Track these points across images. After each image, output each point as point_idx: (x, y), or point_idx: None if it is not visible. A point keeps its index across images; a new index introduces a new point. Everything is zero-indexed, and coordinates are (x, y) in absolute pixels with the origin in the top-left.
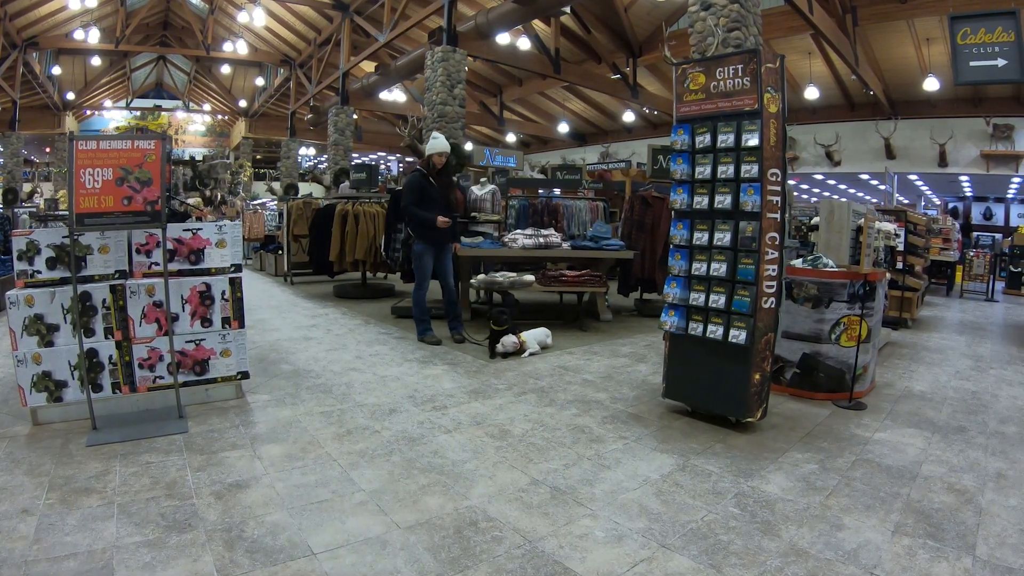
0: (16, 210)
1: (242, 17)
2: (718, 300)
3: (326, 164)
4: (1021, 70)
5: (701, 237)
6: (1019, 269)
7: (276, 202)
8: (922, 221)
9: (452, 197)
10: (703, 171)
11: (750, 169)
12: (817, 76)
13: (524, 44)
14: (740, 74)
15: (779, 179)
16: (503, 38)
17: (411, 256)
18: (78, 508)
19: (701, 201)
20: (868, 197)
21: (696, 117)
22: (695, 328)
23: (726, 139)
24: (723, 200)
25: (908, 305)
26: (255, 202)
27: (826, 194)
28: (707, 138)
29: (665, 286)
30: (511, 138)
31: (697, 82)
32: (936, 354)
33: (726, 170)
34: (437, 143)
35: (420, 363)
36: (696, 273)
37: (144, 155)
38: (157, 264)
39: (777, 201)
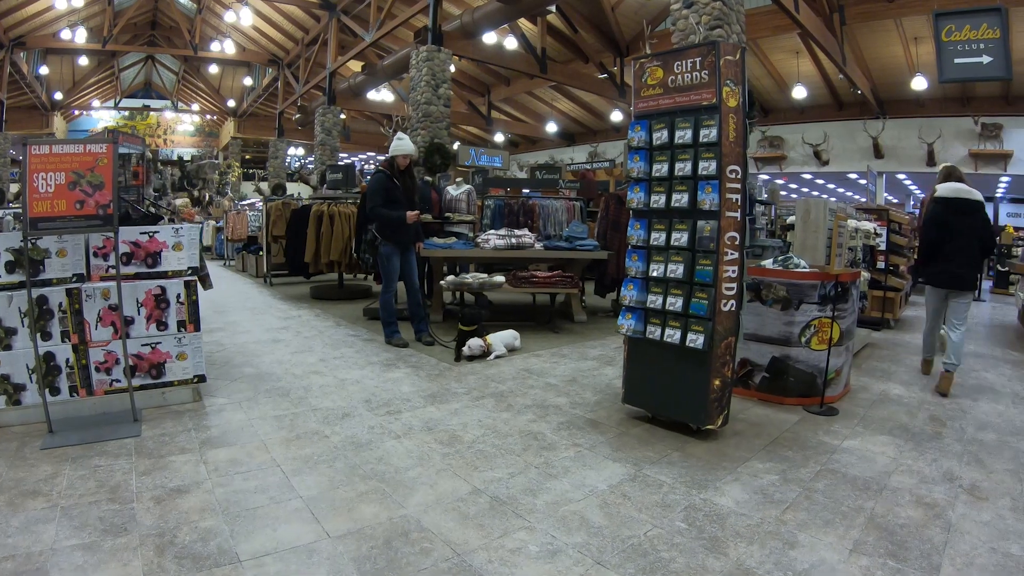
0: (2, 211)
1: (229, 17)
2: (675, 303)
3: (313, 164)
4: (1006, 67)
5: (658, 237)
6: (1006, 268)
7: (264, 202)
8: (905, 220)
9: (417, 197)
10: (660, 169)
11: (708, 166)
12: (804, 75)
13: (511, 43)
14: (698, 67)
15: (739, 176)
16: (489, 37)
17: (377, 258)
18: (23, 511)
19: (658, 200)
20: (857, 196)
21: (653, 113)
22: (653, 332)
23: (683, 135)
24: (680, 199)
25: (890, 305)
26: (244, 202)
27: (815, 193)
28: (664, 134)
29: (623, 288)
30: (499, 138)
31: (655, 76)
32: (917, 356)
33: (684, 167)
34: (402, 144)
35: (383, 366)
36: (653, 274)
37: (96, 159)
38: (115, 267)
39: (737, 199)
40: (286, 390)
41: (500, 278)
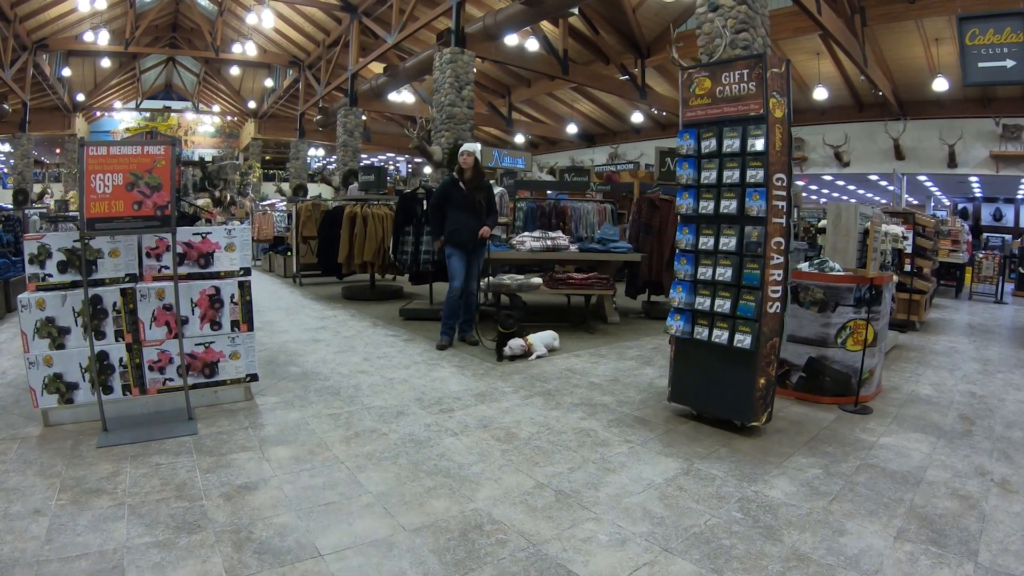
0: (27, 211)
1: (250, 19)
2: (723, 305)
3: (335, 165)
4: None
5: (707, 242)
6: None
7: (285, 203)
8: (930, 223)
9: (482, 196)
10: (709, 176)
11: (755, 174)
12: (826, 77)
13: (532, 45)
14: (746, 79)
15: (784, 184)
16: (511, 39)
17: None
18: (89, 509)
19: (707, 206)
20: (877, 198)
21: (702, 122)
22: (700, 332)
23: (731, 144)
24: (728, 205)
25: (916, 308)
26: (265, 203)
27: (835, 195)
28: (713, 143)
29: (671, 290)
30: (520, 139)
31: (703, 87)
32: (943, 357)
33: (732, 175)
34: (464, 146)
35: (428, 365)
36: (702, 277)
37: (154, 160)
38: (167, 268)
39: (783, 206)
40: (336, 389)
41: (537, 280)
